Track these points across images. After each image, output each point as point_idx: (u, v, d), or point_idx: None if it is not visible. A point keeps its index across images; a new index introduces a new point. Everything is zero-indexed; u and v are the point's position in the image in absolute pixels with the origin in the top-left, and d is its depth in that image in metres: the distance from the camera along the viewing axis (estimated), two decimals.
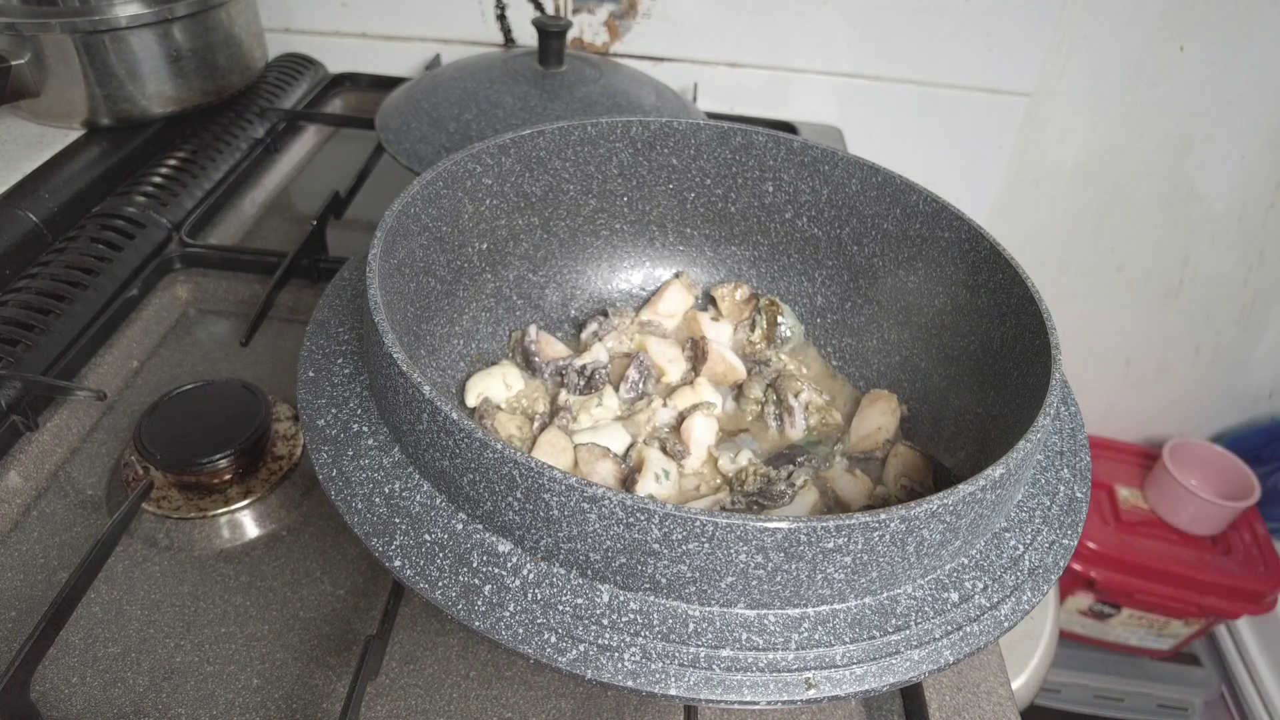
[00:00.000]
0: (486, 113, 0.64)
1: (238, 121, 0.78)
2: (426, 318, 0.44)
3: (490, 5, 0.89)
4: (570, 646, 0.28)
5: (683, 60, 0.91)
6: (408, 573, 0.30)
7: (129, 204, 0.65)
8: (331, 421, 0.35)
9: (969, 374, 0.43)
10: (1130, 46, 0.90)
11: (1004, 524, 0.33)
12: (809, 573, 0.28)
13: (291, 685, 0.39)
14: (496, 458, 0.28)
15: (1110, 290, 1.10)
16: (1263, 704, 1.16)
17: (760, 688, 0.28)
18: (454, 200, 0.44)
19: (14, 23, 0.63)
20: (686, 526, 0.27)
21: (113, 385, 0.54)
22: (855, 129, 0.92)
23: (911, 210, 0.46)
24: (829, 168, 0.48)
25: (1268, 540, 1.17)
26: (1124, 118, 0.95)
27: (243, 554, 0.45)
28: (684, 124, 0.49)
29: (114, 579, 0.43)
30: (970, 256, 0.43)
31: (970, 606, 0.31)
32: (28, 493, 0.47)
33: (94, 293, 0.57)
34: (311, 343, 0.38)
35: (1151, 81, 0.92)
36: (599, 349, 0.49)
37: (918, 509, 0.28)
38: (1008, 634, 0.31)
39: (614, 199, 0.51)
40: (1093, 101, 0.94)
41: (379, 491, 0.32)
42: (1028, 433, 0.31)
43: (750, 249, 0.52)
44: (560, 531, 0.29)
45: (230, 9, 0.74)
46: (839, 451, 0.45)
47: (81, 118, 0.70)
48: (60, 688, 0.38)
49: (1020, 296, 0.39)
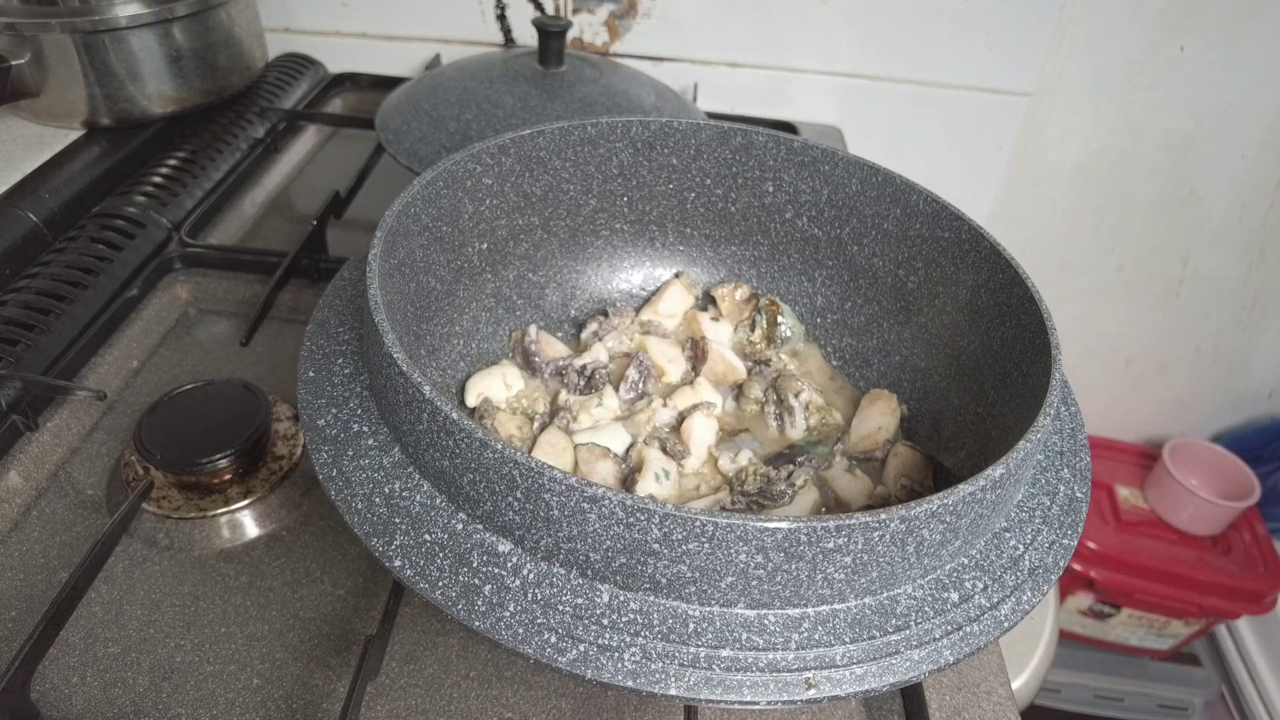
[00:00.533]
0: (486, 113, 0.64)
1: (238, 121, 0.78)
2: (426, 318, 0.44)
3: (490, 5, 0.89)
4: (570, 646, 0.28)
5: (683, 60, 0.91)
6: (408, 573, 0.30)
7: (129, 204, 0.65)
8: (331, 421, 0.35)
9: (969, 374, 0.43)
10: (1130, 46, 0.90)
11: (1004, 524, 0.33)
12: (809, 573, 0.28)
13: (291, 685, 0.39)
14: (496, 458, 0.28)
15: (1110, 290, 1.10)
16: (1263, 704, 1.16)
17: (760, 688, 0.28)
18: (454, 200, 0.44)
19: (14, 23, 0.63)
20: (686, 526, 0.27)
21: (113, 385, 0.54)
22: (855, 129, 0.92)
23: (911, 210, 0.46)
24: (829, 168, 0.48)
25: (1268, 540, 1.16)
26: (1124, 118, 0.95)
27: (243, 554, 0.45)
28: (684, 124, 0.49)
29: (114, 579, 0.43)
30: (970, 256, 0.43)
31: (970, 606, 0.31)
32: (28, 492, 0.47)
33: (94, 293, 0.57)
34: (311, 343, 0.38)
35: (1151, 81, 0.92)
36: (599, 349, 0.49)
37: (918, 509, 0.28)
38: (1008, 634, 0.31)
39: (614, 199, 0.51)
40: (1093, 101, 0.94)
41: (379, 491, 0.32)
42: (1028, 433, 0.31)
43: (750, 249, 0.52)
44: (560, 531, 0.29)
45: (230, 9, 0.74)
46: (839, 451, 0.45)
47: (81, 118, 0.70)
48: (60, 688, 0.38)
49: (1020, 296, 0.39)
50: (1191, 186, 1.00)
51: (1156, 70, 0.91)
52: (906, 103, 0.91)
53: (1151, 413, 1.24)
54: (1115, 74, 0.92)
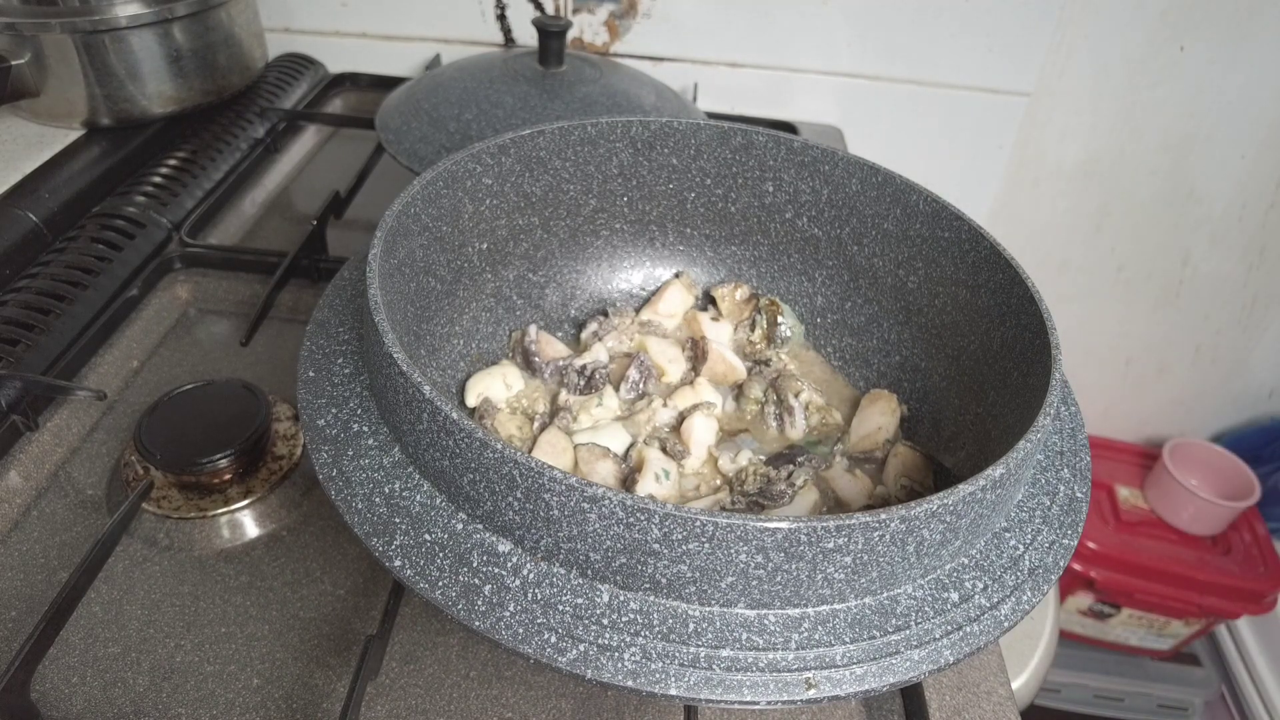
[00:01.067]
0: (486, 112, 0.64)
1: (238, 121, 0.78)
2: (426, 318, 0.44)
3: (490, 5, 0.89)
4: (570, 646, 0.28)
5: (683, 60, 0.91)
6: (408, 573, 0.30)
7: (129, 204, 0.65)
8: (331, 421, 0.35)
9: (969, 374, 0.43)
10: (1131, 46, 0.90)
11: (1004, 524, 0.33)
12: (809, 573, 0.28)
13: (292, 685, 0.39)
14: (496, 458, 0.28)
15: (1110, 290, 1.10)
16: (1263, 704, 1.16)
17: (760, 688, 0.28)
18: (454, 200, 0.44)
19: (14, 23, 0.63)
20: (686, 526, 0.27)
21: (113, 385, 0.54)
22: (855, 129, 0.92)
23: (911, 210, 0.46)
24: (829, 168, 0.48)
25: (1268, 540, 1.16)
26: (1124, 117, 0.95)
27: (243, 554, 0.45)
28: (684, 124, 0.49)
29: (114, 579, 0.43)
30: (970, 256, 0.43)
31: (970, 606, 0.31)
32: (28, 492, 0.47)
33: (94, 292, 0.57)
34: (311, 342, 0.38)
35: (1152, 81, 0.92)
36: (599, 349, 0.49)
37: (918, 509, 0.28)
38: (1008, 634, 0.31)
39: (614, 199, 0.51)
40: (1093, 101, 0.94)
41: (379, 491, 0.32)
42: (1028, 433, 0.31)
43: (750, 249, 0.52)
44: (560, 531, 0.29)
45: (230, 9, 0.74)
46: (839, 451, 0.45)
47: (81, 117, 0.70)
48: (60, 688, 0.38)
49: (1020, 296, 0.39)
50: (1192, 186, 1.00)
51: (1157, 70, 0.91)
52: (907, 103, 0.91)
53: (1151, 413, 1.24)
54: (1116, 74, 0.92)
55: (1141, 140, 0.96)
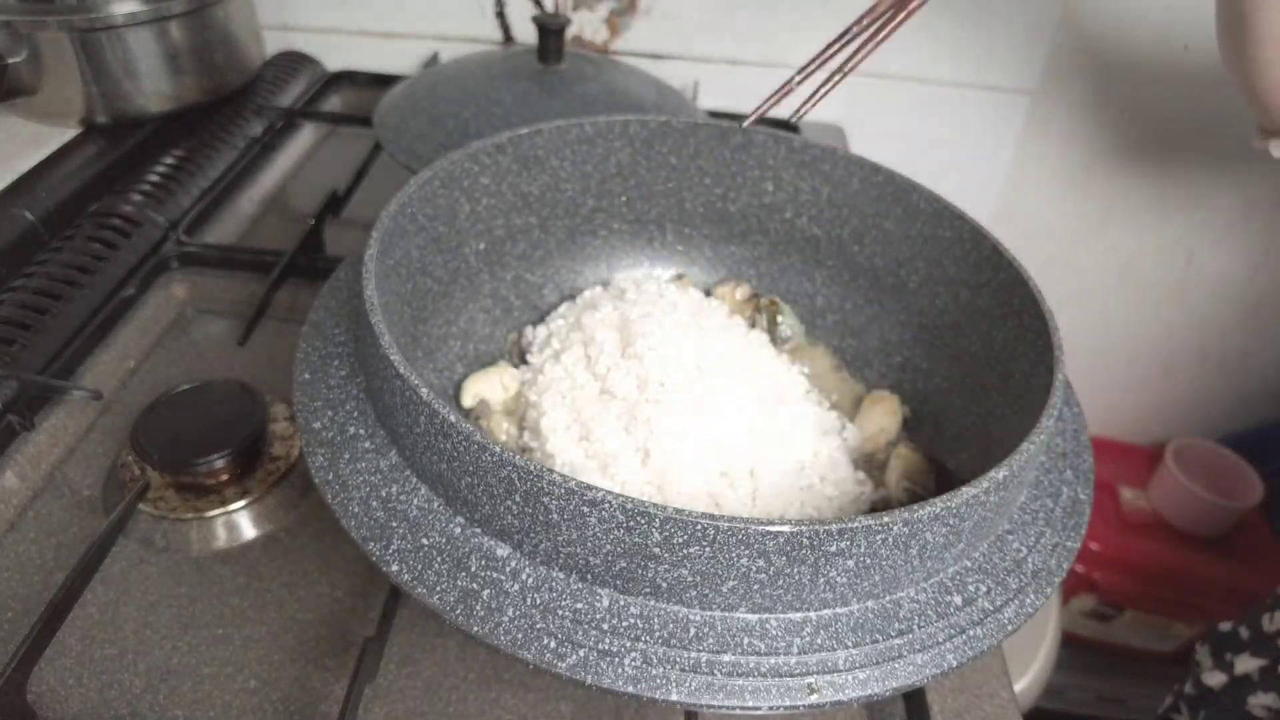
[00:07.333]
0: (485, 110, 0.63)
1: (235, 120, 0.78)
2: (423, 319, 0.43)
3: (489, 2, 0.88)
4: (570, 651, 0.28)
5: (683, 58, 0.90)
6: (405, 577, 0.29)
7: (126, 203, 0.64)
8: (328, 424, 0.34)
9: (971, 375, 0.43)
10: (1135, 45, 0.89)
11: (1007, 526, 0.33)
12: (811, 576, 0.28)
13: (289, 687, 0.39)
14: (495, 461, 0.28)
15: (1113, 290, 1.10)
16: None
17: (762, 693, 0.28)
18: (451, 200, 0.43)
19: (10, 20, 0.63)
20: (687, 530, 0.27)
21: (109, 385, 0.54)
22: (856, 128, 0.92)
23: (913, 210, 0.45)
24: (829, 167, 0.48)
25: (1272, 541, 1.16)
26: (1128, 116, 0.95)
27: (240, 555, 0.44)
28: (682, 122, 0.48)
29: (110, 580, 0.42)
30: (972, 256, 0.43)
31: (973, 610, 0.30)
32: (24, 493, 0.46)
33: (90, 292, 0.57)
34: (307, 344, 0.38)
35: (1156, 79, 0.91)
36: None
37: (921, 511, 0.27)
38: (1011, 636, 0.30)
39: (612, 198, 0.50)
40: (1097, 99, 0.93)
41: (376, 495, 0.32)
42: (1031, 434, 0.31)
43: (750, 249, 0.52)
44: (560, 535, 0.28)
45: (227, 6, 0.74)
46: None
47: (78, 116, 0.70)
48: (57, 689, 0.38)
49: (1023, 297, 0.39)
50: (1195, 186, 0.99)
51: (1161, 68, 0.91)
52: (908, 101, 0.90)
53: (1155, 414, 1.24)
54: (1119, 72, 0.91)
55: (1146, 139, 0.96)
